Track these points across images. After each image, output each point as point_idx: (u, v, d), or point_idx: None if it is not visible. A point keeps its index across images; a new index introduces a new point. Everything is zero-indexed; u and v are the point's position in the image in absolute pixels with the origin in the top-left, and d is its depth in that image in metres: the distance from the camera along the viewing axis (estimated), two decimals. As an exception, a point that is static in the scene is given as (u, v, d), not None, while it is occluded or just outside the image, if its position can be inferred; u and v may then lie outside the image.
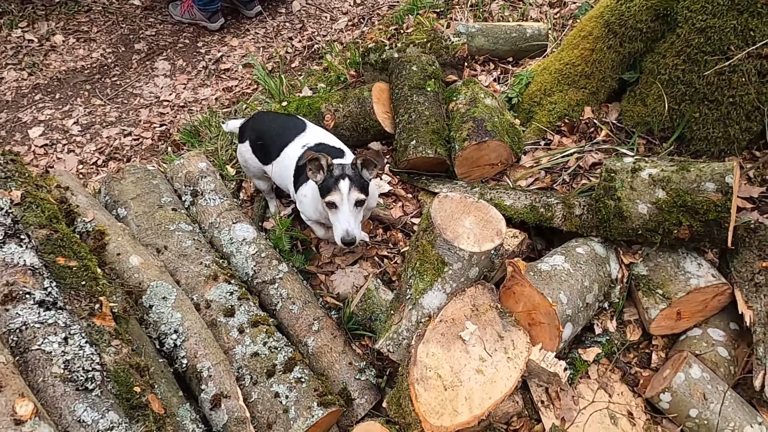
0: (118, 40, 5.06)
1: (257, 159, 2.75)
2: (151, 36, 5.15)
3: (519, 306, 2.24)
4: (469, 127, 3.00)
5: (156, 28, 5.23)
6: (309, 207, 2.52)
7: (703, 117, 2.70)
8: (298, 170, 2.53)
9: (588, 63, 3.03)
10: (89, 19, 5.20)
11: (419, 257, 2.24)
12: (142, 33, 5.16)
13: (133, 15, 5.30)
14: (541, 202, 2.66)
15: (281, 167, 2.62)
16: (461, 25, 3.75)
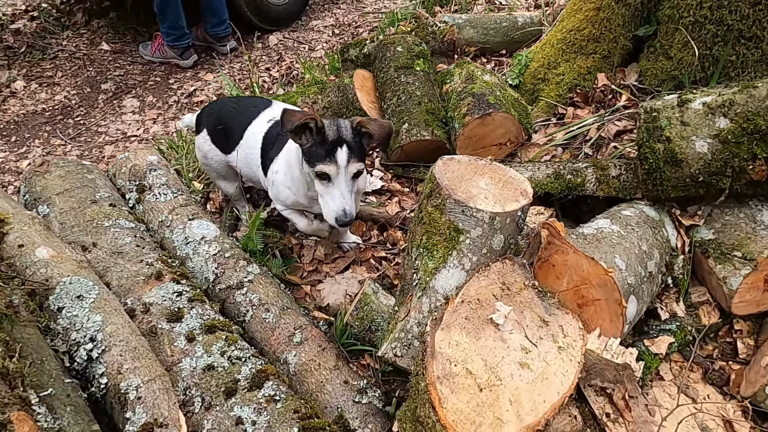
0: (84, 82, 4.76)
1: (218, 149, 2.30)
2: (119, 76, 4.86)
3: (562, 282, 1.69)
4: (468, 102, 2.58)
5: (125, 69, 4.96)
6: (283, 188, 2.03)
7: (742, 59, 2.30)
8: (265, 146, 2.07)
9: (595, 24, 2.67)
10: (54, 65, 4.93)
11: (425, 230, 1.72)
12: (110, 74, 4.87)
13: (101, 59, 5.04)
14: (567, 169, 2.18)
15: (246, 151, 2.16)
16: (447, 16, 3.44)
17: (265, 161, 2.08)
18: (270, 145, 2.07)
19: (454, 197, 1.66)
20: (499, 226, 1.65)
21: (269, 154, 2.06)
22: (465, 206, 1.64)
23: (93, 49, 5.17)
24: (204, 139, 2.31)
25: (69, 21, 5.46)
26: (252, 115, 2.17)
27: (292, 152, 1.95)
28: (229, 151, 2.25)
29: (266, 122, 2.14)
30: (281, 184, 2.04)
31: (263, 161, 2.10)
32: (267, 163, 2.07)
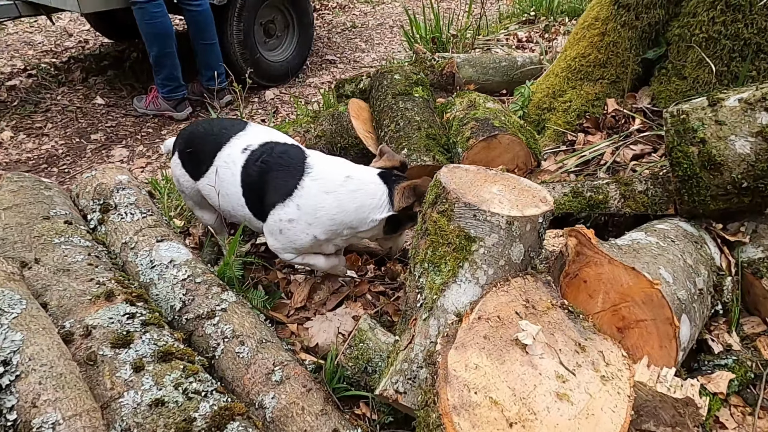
0: (73, 133, 4.64)
1: (188, 175, 2.03)
2: (110, 127, 4.76)
3: (596, 301, 1.41)
4: (472, 126, 2.40)
5: (118, 120, 4.87)
6: (302, 234, 1.78)
7: (763, 73, 2.15)
8: (249, 184, 1.82)
9: (600, 49, 2.56)
10: (45, 118, 4.84)
11: (430, 241, 1.46)
12: (101, 125, 4.77)
13: (94, 112, 4.97)
14: (586, 186, 1.95)
15: (219, 183, 1.88)
16: (444, 55, 3.37)
17: (256, 203, 1.82)
18: (257, 183, 1.80)
19: (463, 200, 1.41)
20: (518, 233, 1.39)
21: (265, 197, 1.78)
22: (477, 210, 1.39)
23: (87, 103, 5.11)
24: (176, 162, 2.07)
25: (66, 78, 5.46)
26: (221, 140, 1.89)
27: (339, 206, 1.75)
28: (198, 178, 1.98)
29: (240, 152, 1.85)
30: (299, 232, 1.77)
31: (250, 203, 1.84)
32: (263, 206, 1.80)
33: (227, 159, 1.86)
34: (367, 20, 7.56)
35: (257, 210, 1.86)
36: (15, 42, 6.63)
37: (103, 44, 6.30)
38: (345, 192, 1.74)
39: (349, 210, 1.74)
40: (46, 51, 6.31)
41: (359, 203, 1.74)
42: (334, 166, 1.81)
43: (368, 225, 1.77)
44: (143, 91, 5.30)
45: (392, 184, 1.78)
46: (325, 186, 1.74)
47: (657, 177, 1.86)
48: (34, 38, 6.77)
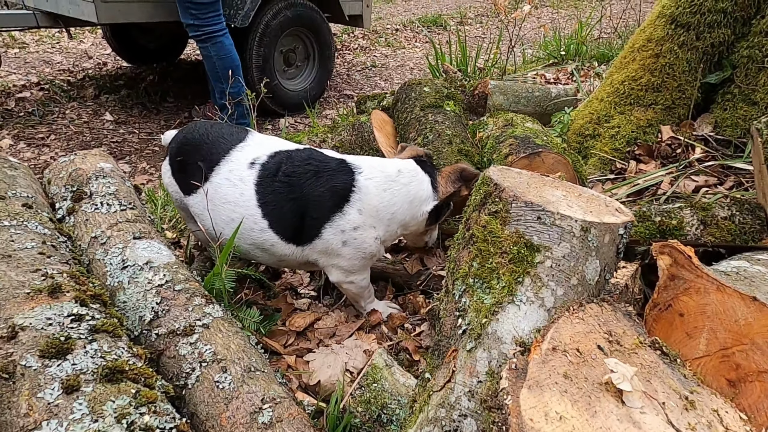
0: (76, 146, 4.43)
1: (177, 186, 1.72)
2: (115, 143, 4.55)
3: (698, 342, 1.06)
4: (510, 143, 2.12)
5: (124, 137, 4.66)
6: (370, 240, 1.55)
7: None
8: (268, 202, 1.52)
9: (654, 72, 2.31)
10: (49, 130, 4.65)
11: (478, 251, 1.13)
12: (106, 140, 4.56)
13: (101, 128, 4.78)
14: (653, 210, 1.63)
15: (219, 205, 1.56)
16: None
17: (290, 223, 1.52)
18: (286, 199, 1.51)
19: (523, 199, 1.10)
20: (595, 243, 1.07)
21: (308, 212, 1.50)
22: (543, 211, 1.07)
23: (95, 118, 4.94)
24: (165, 167, 1.75)
25: (78, 94, 5.32)
26: (218, 152, 1.60)
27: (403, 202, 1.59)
28: (188, 193, 1.67)
29: (248, 167, 1.56)
30: (369, 238, 1.54)
31: (279, 224, 1.53)
32: (303, 225, 1.52)
33: (230, 177, 1.56)
34: (387, 62, 7.53)
35: (292, 231, 1.53)
36: (34, 60, 6.58)
37: (122, 67, 6.24)
38: (400, 186, 1.58)
39: (404, 204, 1.58)
40: (63, 69, 6.24)
41: (413, 196, 1.59)
42: (380, 162, 1.62)
43: (418, 219, 1.62)
44: (155, 111, 5.14)
45: (432, 171, 1.64)
46: (383, 183, 1.55)
47: (742, 203, 1.54)
48: (53, 58, 6.74)
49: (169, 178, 1.75)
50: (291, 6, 4.82)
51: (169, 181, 1.76)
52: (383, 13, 10.89)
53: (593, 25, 5.52)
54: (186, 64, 6.54)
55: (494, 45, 4.49)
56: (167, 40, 6.02)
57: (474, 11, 11.41)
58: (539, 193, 1.17)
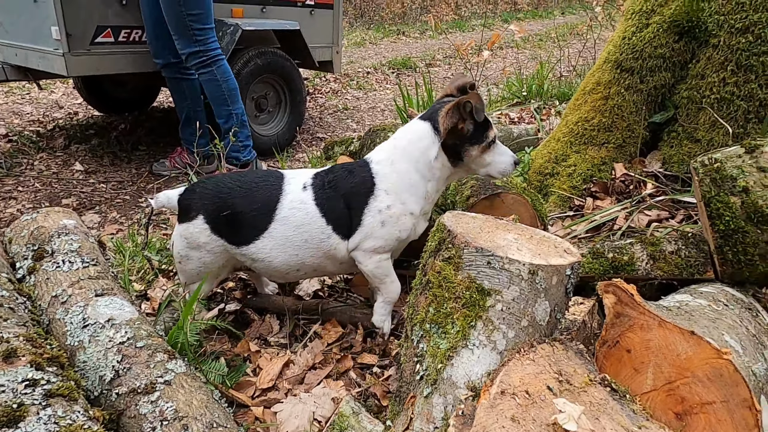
0: (44, 197, 4.38)
1: (224, 240, 1.76)
2: (85, 193, 4.51)
3: (645, 376, 1.10)
4: (472, 185, 2.19)
5: (94, 186, 4.63)
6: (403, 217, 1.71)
7: (784, 135, 2.00)
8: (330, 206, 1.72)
9: (604, 113, 2.44)
10: (17, 182, 4.59)
11: (433, 296, 1.17)
12: (76, 191, 4.52)
13: (70, 178, 4.74)
14: (606, 247, 1.70)
15: (291, 233, 1.73)
16: (439, 123, 3.25)
17: (344, 220, 1.72)
18: (336, 200, 1.72)
19: (474, 245, 1.15)
20: (543, 285, 1.12)
21: (352, 204, 1.71)
22: (492, 256, 1.12)
23: (65, 169, 4.91)
24: (200, 228, 1.74)
25: (47, 144, 5.30)
26: (274, 190, 1.75)
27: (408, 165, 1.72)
28: (246, 242, 1.74)
29: (302, 190, 1.75)
30: (401, 214, 1.70)
31: (337, 223, 1.72)
32: (352, 218, 1.71)
33: (292, 205, 1.73)
34: (359, 104, 7.71)
35: (346, 226, 1.73)
36: (3, 112, 6.56)
37: (93, 116, 6.25)
38: (400, 152, 1.73)
39: (411, 165, 1.71)
40: (33, 120, 6.22)
41: (415, 152, 1.71)
42: (385, 142, 1.82)
43: (436, 168, 1.72)
44: (126, 160, 5.14)
45: (435, 115, 1.74)
46: (388, 159, 1.73)
47: (688, 237, 1.63)
48: (23, 109, 6.72)
49: (208, 236, 1.75)
50: (262, 54, 4.95)
51: (208, 239, 1.76)
52: (355, 57, 11.21)
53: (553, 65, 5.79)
54: (158, 112, 6.59)
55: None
56: (140, 89, 6.08)
57: (442, 53, 11.84)
58: (491, 237, 1.22)
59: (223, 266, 1.84)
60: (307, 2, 5.64)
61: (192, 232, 1.75)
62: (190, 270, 1.82)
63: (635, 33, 2.34)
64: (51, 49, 4.03)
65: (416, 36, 14.28)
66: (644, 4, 2.36)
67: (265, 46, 5.07)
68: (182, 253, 1.78)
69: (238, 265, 1.88)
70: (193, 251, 1.77)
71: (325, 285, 2.25)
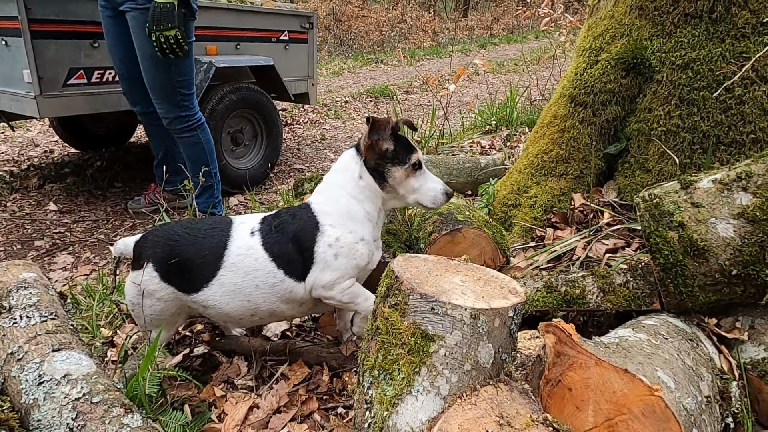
0: (16, 239, 4.34)
1: (173, 288, 1.78)
2: (58, 233, 4.48)
3: (586, 413, 1.14)
4: (434, 220, 2.25)
5: (68, 226, 4.60)
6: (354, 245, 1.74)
7: (726, 165, 2.10)
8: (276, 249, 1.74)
9: (561, 145, 2.53)
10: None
11: (381, 342, 1.21)
12: (49, 231, 4.49)
13: (43, 218, 4.72)
14: (560, 281, 1.76)
15: (234, 282, 1.74)
16: (407, 156, 3.33)
17: (296, 264, 1.73)
18: (284, 243, 1.74)
19: (419, 291, 1.19)
20: (485, 329, 1.16)
21: (301, 244, 1.72)
22: (435, 302, 1.16)
23: (38, 209, 4.88)
24: (149, 276, 1.77)
25: (21, 185, 5.27)
26: (222, 237, 1.77)
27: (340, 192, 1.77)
28: (195, 289, 1.76)
29: (250, 235, 1.77)
30: (353, 243, 1.73)
31: (289, 266, 1.73)
32: (305, 258, 1.73)
33: (240, 252, 1.75)
34: (336, 133, 7.80)
35: (299, 268, 1.74)
36: (-24, 152, 6.51)
37: (69, 153, 6.24)
38: (331, 182, 1.80)
39: (344, 191, 1.76)
40: (7, 160, 6.19)
41: (343, 176, 1.78)
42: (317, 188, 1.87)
43: (365, 189, 1.76)
44: (101, 197, 5.13)
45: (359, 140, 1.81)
46: (325, 195, 1.80)
47: (636, 269, 1.69)
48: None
49: (158, 284, 1.78)
50: (236, 90, 5.02)
51: (159, 286, 1.78)
52: (333, 86, 11.37)
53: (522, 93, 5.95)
54: (135, 147, 6.60)
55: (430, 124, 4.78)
56: (117, 125, 6.10)
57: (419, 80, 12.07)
58: (437, 281, 1.26)
59: (176, 314, 1.85)
60: (281, 37, 5.76)
61: (143, 280, 1.77)
62: (144, 318, 1.83)
63: (586, 69, 2.45)
64: (23, 92, 4.05)
65: (394, 64, 14.56)
66: (593, 42, 2.48)
67: (240, 81, 5.15)
68: (134, 301, 1.81)
69: (192, 312, 1.90)
70: (144, 299, 1.79)
71: (293, 325, 2.27)
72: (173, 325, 1.91)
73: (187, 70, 3.70)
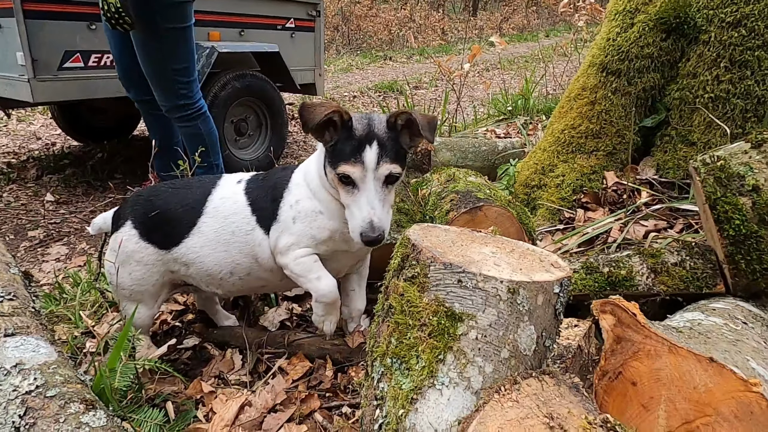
0: (9, 230, 4.16)
1: (152, 245, 1.65)
2: (54, 224, 4.29)
3: (656, 415, 0.89)
4: (452, 198, 2.01)
5: (64, 217, 4.41)
6: (315, 215, 1.55)
7: (786, 134, 1.84)
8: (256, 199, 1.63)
9: (592, 120, 2.28)
10: (-18, 215, 4.38)
11: (395, 324, 0.97)
12: (43, 222, 4.30)
13: (39, 209, 4.53)
14: (601, 261, 1.51)
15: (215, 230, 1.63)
16: (420, 138, 3.09)
17: (266, 213, 1.61)
18: (264, 194, 1.63)
19: (442, 260, 0.95)
20: (526, 307, 0.92)
21: (272, 200, 1.60)
22: (463, 272, 0.93)
23: (35, 200, 4.69)
24: (128, 235, 1.64)
25: (18, 176, 5.10)
26: (205, 189, 1.68)
27: (312, 162, 1.58)
28: (176, 242, 1.64)
29: (235, 183, 1.68)
30: (310, 210, 1.55)
31: (261, 216, 1.61)
32: (272, 211, 1.60)
33: (223, 196, 1.66)
34: (344, 127, 7.58)
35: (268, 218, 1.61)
36: (-23, 145, 6.37)
37: (70, 146, 6.08)
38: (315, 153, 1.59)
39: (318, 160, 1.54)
40: (8, 152, 6.04)
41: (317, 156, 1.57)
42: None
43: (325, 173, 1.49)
44: (100, 189, 4.94)
45: None
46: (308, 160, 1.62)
47: (692, 247, 1.44)
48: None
49: (137, 243, 1.65)
50: (240, 77, 4.82)
51: (136, 246, 1.65)
52: (341, 82, 11.17)
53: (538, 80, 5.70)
54: (138, 140, 6.42)
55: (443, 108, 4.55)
56: (119, 116, 5.92)
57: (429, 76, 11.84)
58: (464, 251, 1.03)
59: (158, 283, 1.69)
60: (287, 25, 5.56)
61: (118, 240, 1.64)
62: (124, 290, 1.69)
63: (620, 33, 2.20)
64: (16, 76, 3.87)
65: (403, 60, 14.35)
66: (627, 4, 2.23)
67: (244, 69, 4.94)
68: (111, 271, 1.67)
69: (175, 279, 1.72)
70: (123, 267, 1.64)
71: (294, 314, 2.04)
72: (155, 300, 1.73)
73: (185, 57, 3.47)
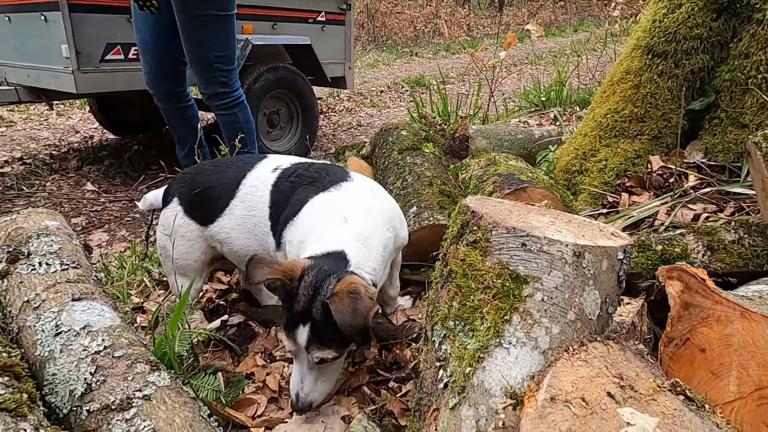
0: (53, 217, 4.30)
1: (194, 222, 1.68)
2: (95, 212, 4.42)
3: (727, 382, 0.88)
4: (494, 180, 2.01)
5: (104, 206, 4.55)
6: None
7: None
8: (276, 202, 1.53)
9: (636, 103, 2.24)
10: (27, 203, 4.54)
11: (457, 288, 0.97)
12: (85, 210, 4.44)
13: (80, 198, 4.68)
14: (654, 239, 1.49)
15: (243, 215, 1.59)
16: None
17: (278, 229, 1.51)
18: (283, 201, 1.51)
19: (504, 225, 0.95)
20: (591, 271, 0.91)
21: (283, 214, 1.49)
22: (527, 236, 0.93)
23: (76, 189, 4.85)
24: (174, 211, 1.70)
25: (60, 166, 5.27)
26: (244, 169, 1.65)
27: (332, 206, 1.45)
28: (211, 220, 1.65)
29: (270, 171, 1.61)
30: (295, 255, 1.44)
31: (274, 226, 1.53)
32: (279, 227, 1.50)
33: (253, 183, 1.61)
34: (372, 121, 7.61)
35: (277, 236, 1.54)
36: (21, 137, 6.60)
37: (107, 139, 6.25)
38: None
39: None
40: (49, 144, 6.24)
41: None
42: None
43: None
44: (138, 179, 5.07)
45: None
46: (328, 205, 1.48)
47: (750, 225, 1.41)
48: (40, 134, 6.76)
49: (182, 218, 1.70)
50: (273, 69, 4.88)
51: (182, 221, 1.70)
52: (368, 78, 11.20)
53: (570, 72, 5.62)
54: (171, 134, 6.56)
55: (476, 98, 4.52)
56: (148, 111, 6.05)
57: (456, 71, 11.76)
58: (524, 219, 1.03)
59: (202, 258, 1.72)
60: (318, 18, 5.60)
61: (167, 216, 1.70)
62: (171, 263, 1.73)
63: (667, 14, 2.16)
64: (61, 68, 4.00)
65: (429, 56, 14.30)
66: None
67: (277, 61, 5.00)
68: (161, 244, 1.73)
69: (216, 254, 1.76)
70: (169, 241, 1.67)
71: (336, 294, 2.06)
72: (201, 274, 1.77)
73: (225, 46, 3.54)
